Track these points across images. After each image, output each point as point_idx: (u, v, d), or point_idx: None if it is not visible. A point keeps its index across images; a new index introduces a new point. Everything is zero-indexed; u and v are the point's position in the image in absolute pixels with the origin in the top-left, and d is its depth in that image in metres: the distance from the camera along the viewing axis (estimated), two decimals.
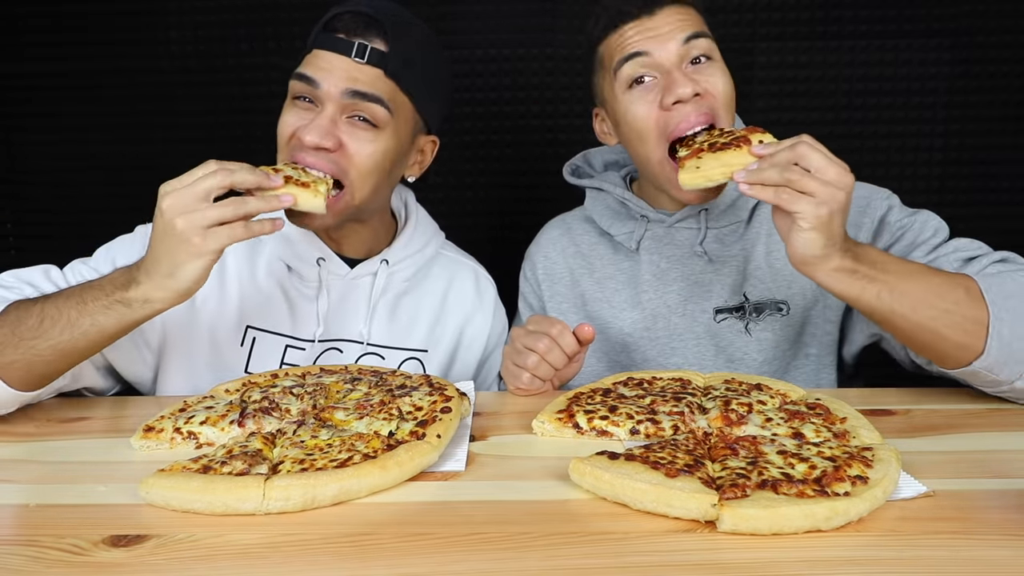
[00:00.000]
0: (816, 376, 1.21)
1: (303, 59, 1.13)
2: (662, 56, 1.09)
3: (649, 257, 1.25)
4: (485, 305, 1.35)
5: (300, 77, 1.10)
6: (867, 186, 1.19)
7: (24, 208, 2.04)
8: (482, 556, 0.63)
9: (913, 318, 0.90)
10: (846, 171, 0.87)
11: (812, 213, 0.85)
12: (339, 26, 1.10)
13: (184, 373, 1.18)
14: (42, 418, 1.00)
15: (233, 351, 1.19)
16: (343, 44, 1.09)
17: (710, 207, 1.20)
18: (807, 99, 1.89)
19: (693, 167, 0.97)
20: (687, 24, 1.10)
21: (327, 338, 1.21)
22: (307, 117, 1.09)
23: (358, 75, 1.09)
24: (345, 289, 1.22)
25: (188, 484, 0.71)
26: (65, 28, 1.94)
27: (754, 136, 0.95)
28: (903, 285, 0.90)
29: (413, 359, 1.27)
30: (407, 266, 1.26)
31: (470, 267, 1.37)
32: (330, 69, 1.09)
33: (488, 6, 1.90)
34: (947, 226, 1.12)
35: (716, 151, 0.95)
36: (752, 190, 0.89)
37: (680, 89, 1.07)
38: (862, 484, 0.68)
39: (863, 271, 0.90)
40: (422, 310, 1.29)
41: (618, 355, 1.29)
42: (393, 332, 1.25)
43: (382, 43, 1.10)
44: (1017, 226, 1.86)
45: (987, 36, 1.83)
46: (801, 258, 0.89)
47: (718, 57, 1.13)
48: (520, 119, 1.95)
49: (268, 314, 1.20)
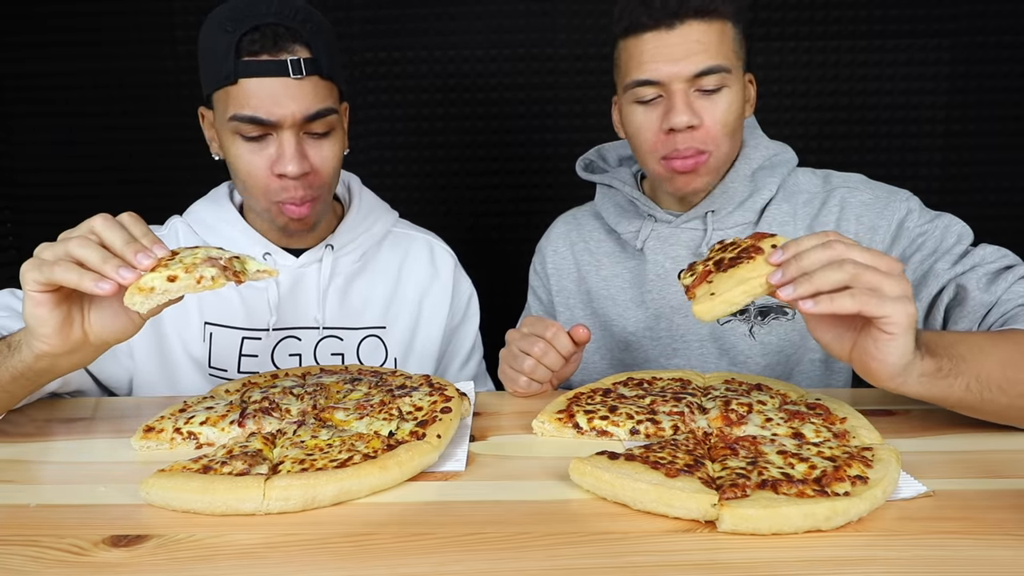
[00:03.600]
0: (818, 381, 1.21)
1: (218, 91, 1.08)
2: (669, 80, 1.08)
3: (654, 257, 1.25)
4: (442, 276, 1.35)
5: (247, 119, 1.06)
6: (884, 186, 1.18)
7: (24, 208, 2.04)
8: (482, 556, 0.63)
9: (1002, 400, 0.80)
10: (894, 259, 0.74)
11: (902, 312, 0.70)
12: (257, 48, 1.05)
13: (158, 373, 1.21)
14: (42, 418, 1.00)
15: (197, 347, 1.22)
16: (273, 66, 1.05)
17: (717, 208, 1.20)
18: (807, 99, 1.89)
19: (707, 295, 0.78)
20: (703, 51, 1.07)
21: (282, 326, 1.23)
22: (269, 149, 1.09)
23: (303, 93, 1.07)
24: (294, 278, 1.24)
25: (188, 484, 0.71)
26: (68, 28, 1.94)
27: (764, 243, 0.79)
28: (984, 363, 0.80)
29: (372, 336, 1.28)
30: (353, 248, 1.28)
31: (424, 240, 1.38)
32: (276, 99, 1.05)
33: (488, 6, 1.90)
34: (971, 230, 1.08)
35: (726, 269, 0.79)
36: (818, 305, 0.71)
37: (677, 118, 1.07)
38: (862, 484, 0.67)
39: (945, 366, 0.77)
40: (376, 288, 1.30)
41: (621, 353, 1.29)
42: (347, 314, 1.27)
43: (305, 50, 1.07)
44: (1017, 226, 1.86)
45: (987, 36, 1.83)
46: (894, 370, 0.74)
47: (732, 83, 1.10)
48: (520, 119, 1.95)
49: (222, 309, 1.22)
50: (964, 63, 1.85)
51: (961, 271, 1.03)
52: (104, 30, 1.94)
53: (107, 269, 0.77)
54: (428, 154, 1.98)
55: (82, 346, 0.84)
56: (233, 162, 1.12)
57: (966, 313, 1.00)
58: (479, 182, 2.00)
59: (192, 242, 1.24)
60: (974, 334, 0.91)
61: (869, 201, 1.16)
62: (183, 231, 1.26)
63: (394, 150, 1.98)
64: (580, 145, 1.45)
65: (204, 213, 1.26)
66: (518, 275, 1.52)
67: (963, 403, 0.81)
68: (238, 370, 1.22)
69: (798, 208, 1.20)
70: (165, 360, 1.21)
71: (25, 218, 2.05)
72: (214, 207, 1.26)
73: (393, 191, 1.41)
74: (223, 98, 1.09)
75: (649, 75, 1.09)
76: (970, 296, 1.00)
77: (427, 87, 1.95)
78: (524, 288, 1.48)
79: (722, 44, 1.09)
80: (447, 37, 1.92)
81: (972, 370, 0.79)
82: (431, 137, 1.97)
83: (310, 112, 1.08)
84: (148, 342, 1.20)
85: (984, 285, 1.00)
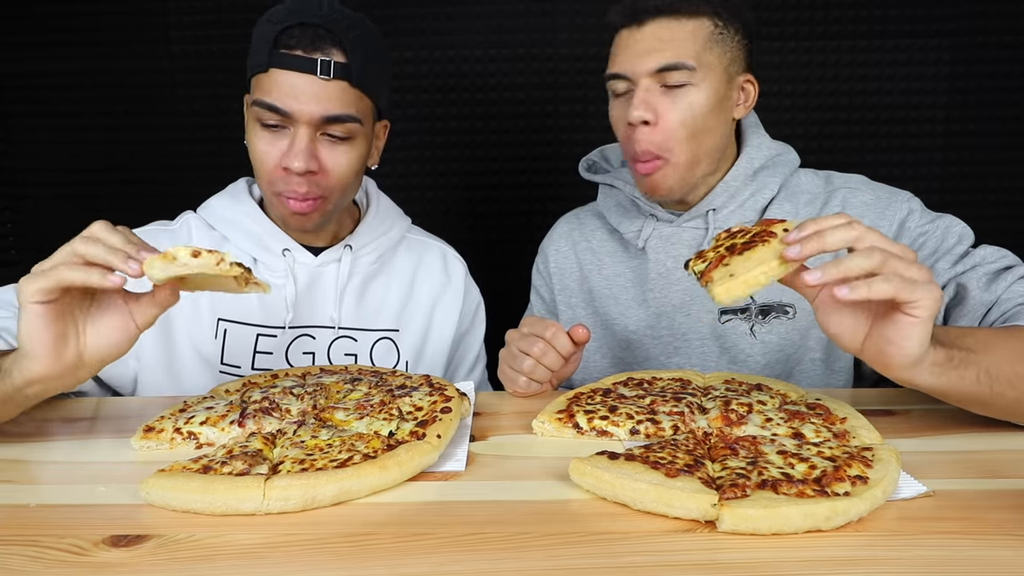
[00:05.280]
0: (818, 381, 1.21)
1: (254, 78, 1.12)
2: (634, 75, 1.12)
3: (655, 256, 1.25)
4: (454, 283, 1.37)
5: (267, 106, 1.09)
6: (886, 187, 1.18)
7: (24, 208, 2.04)
8: (482, 556, 0.62)
9: (1011, 394, 0.80)
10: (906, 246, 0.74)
11: (931, 296, 0.69)
12: (293, 43, 1.08)
13: (164, 373, 1.20)
14: (42, 418, 1.00)
15: (208, 344, 1.21)
16: (304, 62, 1.07)
17: (718, 207, 1.20)
18: (807, 99, 1.89)
19: (726, 277, 0.74)
20: (668, 48, 1.09)
21: (297, 324, 1.23)
22: (283, 141, 1.11)
23: (327, 95, 1.08)
24: (312, 277, 1.24)
25: (188, 484, 0.71)
26: (68, 28, 1.95)
27: (776, 227, 0.77)
28: (991, 359, 0.79)
29: (386, 339, 1.29)
30: (371, 250, 1.29)
31: (438, 247, 1.39)
32: (298, 94, 1.08)
33: (488, 6, 1.90)
34: (971, 231, 1.09)
35: (741, 252, 0.76)
36: (855, 292, 0.69)
37: (634, 112, 1.10)
38: (862, 484, 0.67)
39: (956, 356, 0.77)
40: (391, 291, 1.31)
41: (622, 352, 1.30)
42: (363, 315, 1.27)
43: (341, 54, 1.09)
44: (1017, 226, 1.86)
45: (987, 36, 1.83)
46: (911, 359, 0.74)
47: (699, 81, 1.10)
48: (520, 119, 1.95)
49: (237, 306, 1.22)
50: (964, 63, 1.85)
51: (961, 271, 1.03)
52: (104, 30, 1.94)
53: (114, 261, 0.76)
54: (428, 154, 1.99)
55: (75, 368, 0.81)
56: (251, 146, 1.14)
57: (966, 312, 1.00)
58: (479, 182, 2.00)
59: (207, 237, 1.24)
60: (980, 329, 0.92)
61: (870, 201, 1.16)
62: (197, 226, 1.25)
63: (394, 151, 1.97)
64: (580, 146, 1.45)
65: (221, 208, 1.26)
66: (518, 275, 1.52)
67: (972, 396, 0.80)
68: (252, 367, 1.21)
69: (799, 208, 1.20)
70: (172, 359, 1.21)
71: (25, 218, 2.05)
72: (232, 201, 1.26)
73: (393, 191, 1.41)
74: (256, 85, 1.12)
75: (617, 68, 1.13)
76: (970, 295, 1.00)
77: (427, 87, 1.95)
78: (524, 288, 1.48)
79: (690, 42, 1.09)
80: (446, 37, 1.92)
81: (982, 362, 0.79)
82: (431, 137, 1.97)
83: (329, 114, 1.09)
84: (156, 341, 1.19)
85: (984, 285, 1.00)
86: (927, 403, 0.97)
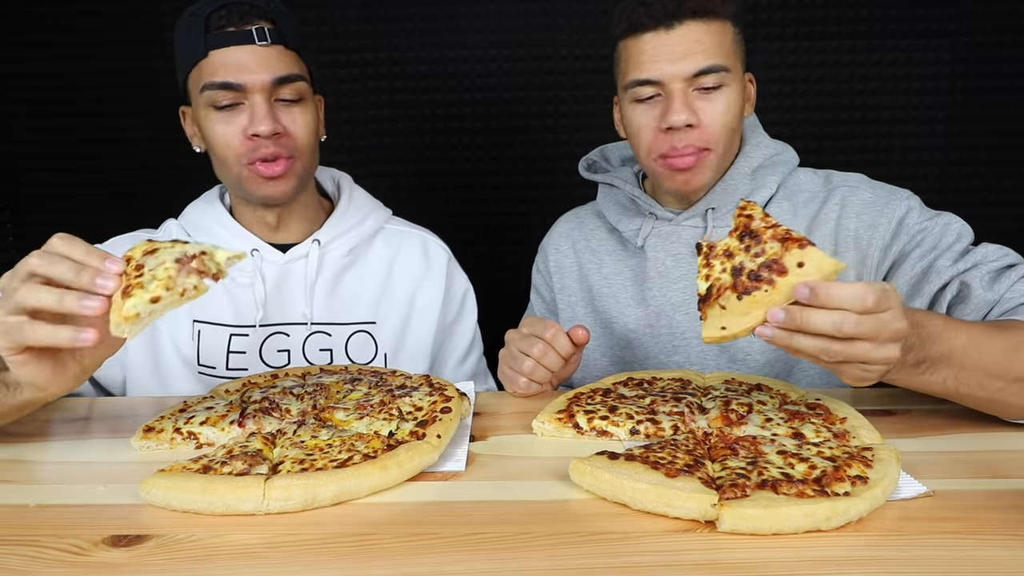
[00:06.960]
0: (818, 381, 1.21)
1: (193, 70, 1.13)
2: (669, 79, 1.09)
3: (655, 255, 1.25)
4: (435, 271, 1.35)
5: (218, 86, 1.10)
6: (885, 186, 1.18)
7: (24, 208, 2.04)
8: (482, 556, 0.63)
9: (980, 395, 0.85)
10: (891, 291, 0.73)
11: (862, 379, 0.77)
12: (224, 22, 1.11)
13: (149, 373, 1.22)
14: (42, 418, 1.00)
15: (187, 346, 1.22)
16: (241, 35, 1.11)
17: (717, 206, 1.20)
18: (807, 99, 1.89)
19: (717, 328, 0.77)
20: (702, 50, 1.08)
21: (269, 323, 1.23)
22: (241, 116, 1.12)
23: (270, 60, 1.12)
24: (281, 274, 1.24)
25: (188, 484, 0.71)
26: (68, 28, 1.95)
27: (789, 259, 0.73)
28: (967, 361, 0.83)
29: (362, 332, 1.28)
30: (342, 243, 1.28)
31: (418, 236, 1.38)
32: (244, 66, 1.10)
33: (488, 6, 1.90)
34: (971, 229, 1.09)
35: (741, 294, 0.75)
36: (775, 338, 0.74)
37: (674, 117, 1.08)
38: (862, 484, 0.68)
39: (927, 359, 0.82)
40: (365, 284, 1.30)
41: (622, 351, 1.30)
42: (336, 309, 1.27)
43: (270, 23, 1.13)
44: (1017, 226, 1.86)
45: (987, 36, 1.83)
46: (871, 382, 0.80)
47: (731, 82, 1.11)
48: (520, 119, 1.95)
49: (210, 307, 1.22)
50: (964, 63, 1.85)
51: (963, 268, 1.03)
52: (104, 30, 1.94)
53: (70, 304, 0.73)
54: (428, 154, 1.99)
55: (80, 376, 0.83)
56: (209, 137, 1.15)
57: (969, 311, 1.00)
58: (479, 182, 2.00)
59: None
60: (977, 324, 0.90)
61: (869, 199, 1.16)
62: (176, 233, 1.26)
63: (394, 150, 1.98)
64: (580, 145, 1.45)
65: (196, 215, 1.27)
66: (518, 275, 1.52)
67: (941, 394, 0.87)
68: (226, 367, 1.22)
69: (798, 207, 1.20)
70: (157, 360, 1.22)
71: (25, 218, 2.05)
72: (207, 208, 1.28)
73: (393, 191, 1.41)
74: (196, 76, 1.13)
75: (649, 75, 1.10)
76: (973, 294, 1.00)
77: (427, 87, 1.95)
78: (524, 288, 1.48)
79: (721, 44, 1.10)
80: (447, 37, 1.92)
81: (954, 366, 0.84)
82: (431, 137, 1.97)
83: (278, 75, 1.12)
84: (141, 343, 1.21)
85: (987, 283, 1.00)
86: (927, 403, 0.97)
